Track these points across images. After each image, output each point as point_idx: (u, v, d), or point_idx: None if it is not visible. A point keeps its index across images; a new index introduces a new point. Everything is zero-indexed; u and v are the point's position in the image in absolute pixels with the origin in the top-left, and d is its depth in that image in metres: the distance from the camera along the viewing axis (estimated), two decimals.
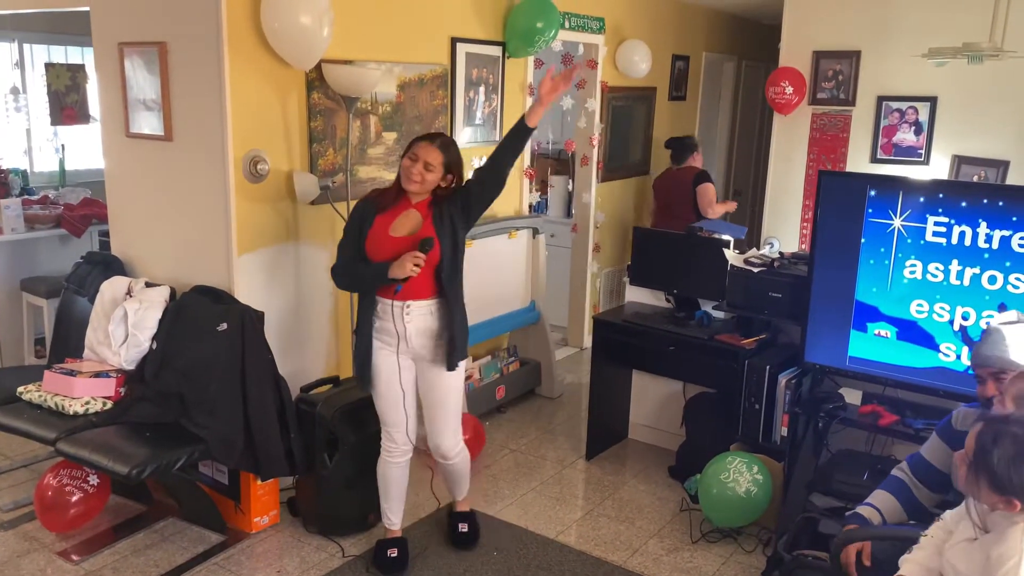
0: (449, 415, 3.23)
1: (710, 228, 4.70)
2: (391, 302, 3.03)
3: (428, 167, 2.99)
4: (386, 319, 3.07)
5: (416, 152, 2.99)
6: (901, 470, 2.69)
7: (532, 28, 4.72)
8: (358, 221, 3.06)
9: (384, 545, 3.32)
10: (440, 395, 3.19)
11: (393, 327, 3.06)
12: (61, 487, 3.41)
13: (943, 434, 2.62)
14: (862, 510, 2.60)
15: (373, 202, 3.08)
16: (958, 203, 3.08)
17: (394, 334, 3.07)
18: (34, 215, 5.02)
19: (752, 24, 7.79)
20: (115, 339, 3.55)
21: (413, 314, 3.05)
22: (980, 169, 5.35)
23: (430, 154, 2.99)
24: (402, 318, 3.04)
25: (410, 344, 3.08)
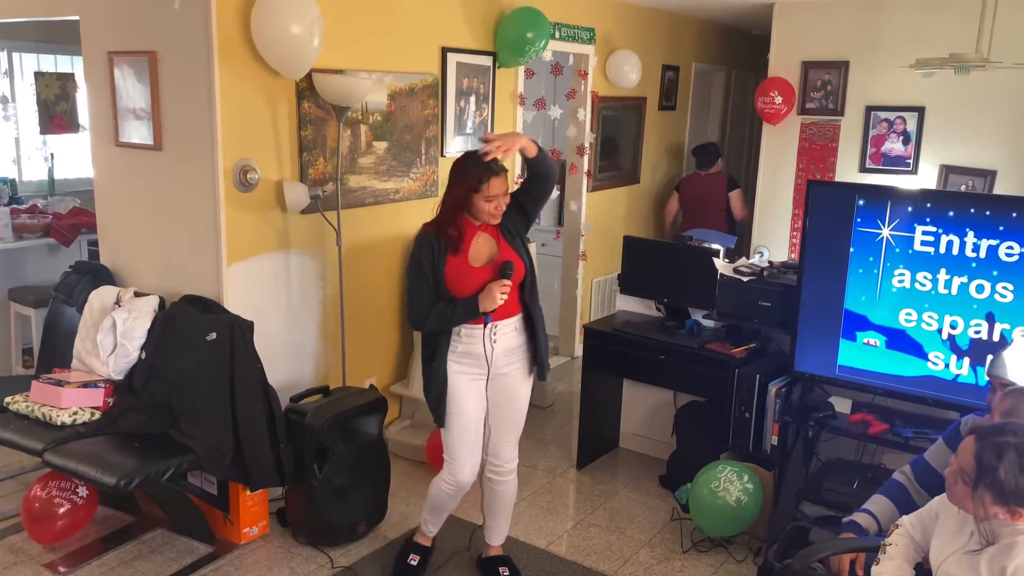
0: (518, 427, 3.18)
1: (700, 237, 4.72)
2: (480, 327, 2.93)
3: (506, 193, 2.94)
4: (471, 343, 2.96)
5: (492, 192, 2.88)
6: (904, 474, 2.68)
7: (522, 38, 4.74)
8: (429, 263, 2.92)
9: (408, 550, 3.33)
10: (515, 408, 3.12)
11: (480, 350, 2.95)
12: (49, 498, 3.38)
13: (950, 442, 2.60)
14: (859, 518, 2.60)
15: (437, 240, 2.93)
16: (946, 212, 3.11)
17: (480, 356, 2.96)
18: (22, 224, 4.99)
19: (742, 35, 7.84)
20: (104, 349, 3.53)
21: (499, 333, 2.97)
22: (967, 179, 5.39)
23: (502, 186, 2.91)
24: (490, 339, 2.95)
25: (494, 364, 2.99)
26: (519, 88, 5.21)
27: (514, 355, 3.05)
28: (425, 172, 4.55)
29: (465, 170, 2.90)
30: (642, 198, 6.79)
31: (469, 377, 3.00)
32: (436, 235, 2.94)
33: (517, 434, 3.19)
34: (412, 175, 4.46)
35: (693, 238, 4.53)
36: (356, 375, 4.26)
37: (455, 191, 2.93)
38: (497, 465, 3.17)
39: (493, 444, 3.15)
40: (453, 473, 3.09)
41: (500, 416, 3.12)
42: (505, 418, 3.13)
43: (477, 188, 2.87)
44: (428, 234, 2.96)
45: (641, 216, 6.81)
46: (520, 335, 3.05)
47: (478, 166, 2.88)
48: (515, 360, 3.06)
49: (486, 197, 2.89)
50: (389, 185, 4.33)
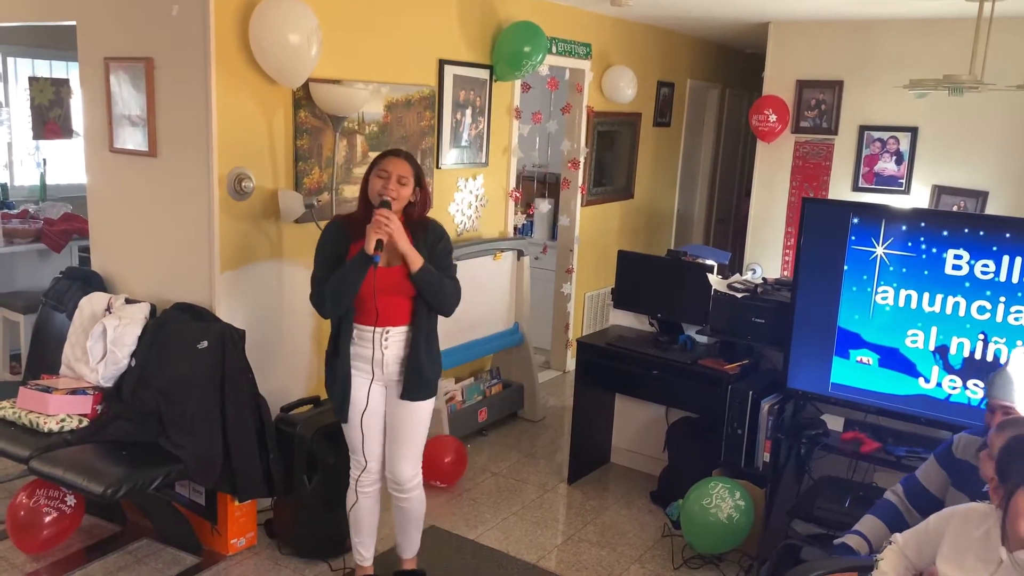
0: (411, 445, 3.07)
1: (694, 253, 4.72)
2: (372, 328, 2.93)
3: (401, 180, 2.88)
4: (363, 345, 2.95)
5: (386, 168, 2.88)
6: (895, 494, 2.67)
7: (519, 52, 4.75)
8: (332, 247, 2.93)
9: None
10: (408, 422, 3.03)
11: (370, 353, 2.95)
12: (36, 507, 3.34)
13: (942, 460, 2.60)
14: (850, 540, 2.59)
15: (343, 229, 2.95)
16: (940, 232, 3.12)
17: (371, 360, 2.95)
18: (13, 229, 4.96)
19: (736, 53, 7.89)
20: (93, 356, 3.50)
21: (390, 339, 2.95)
22: (960, 199, 5.43)
23: (400, 167, 2.89)
24: (381, 345, 2.94)
25: (385, 371, 2.98)
26: (515, 102, 5.22)
27: (403, 367, 2.99)
28: None
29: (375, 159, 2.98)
30: (636, 213, 6.80)
31: (365, 378, 2.98)
32: (343, 227, 2.97)
33: (414, 448, 3.08)
34: None
35: (688, 253, 4.52)
36: None
37: (363, 179, 2.98)
38: (396, 485, 3.09)
39: (389, 459, 3.09)
40: (359, 466, 3.07)
41: (395, 427, 3.05)
42: (399, 429, 3.04)
43: (374, 164, 2.93)
44: (335, 223, 3.01)
45: (635, 231, 6.82)
46: (409, 348, 2.98)
47: (383, 152, 2.99)
48: (404, 373, 2.99)
49: (379, 172, 2.89)
50: None
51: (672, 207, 7.41)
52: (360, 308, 2.93)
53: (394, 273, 2.89)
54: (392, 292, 2.90)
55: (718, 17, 5.90)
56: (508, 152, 5.23)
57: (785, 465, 3.49)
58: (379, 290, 2.87)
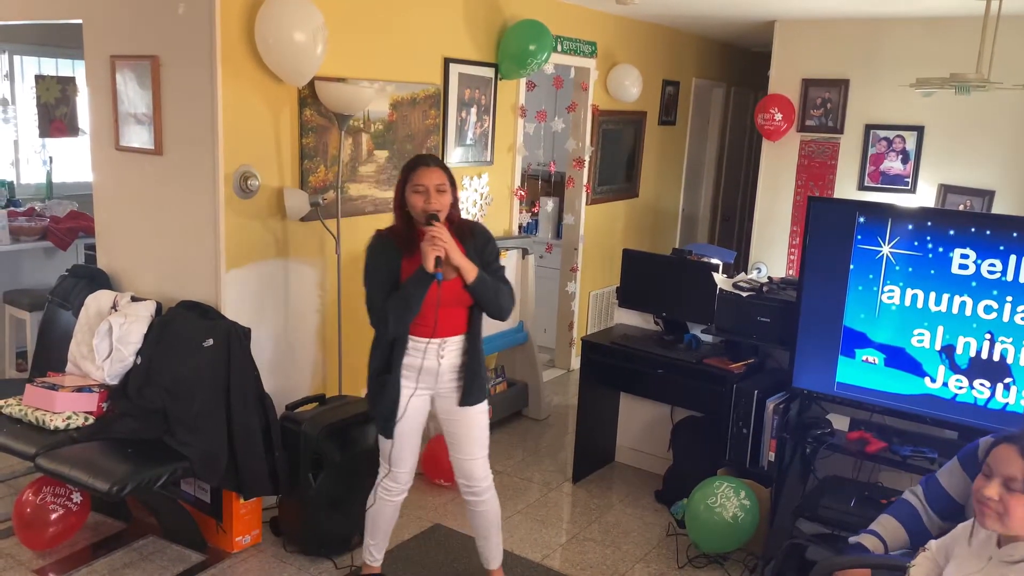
0: (480, 446, 3.07)
1: (699, 252, 4.71)
2: (428, 340, 2.89)
3: (440, 189, 2.83)
4: (415, 356, 2.91)
5: (421, 182, 2.81)
6: (914, 495, 2.62)
7: (525, 51, 4.75)
8: (384, 266, 2.87)
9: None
10: (471, 425, 3.02)
11: (426, 363, 2.91)
12: (44, 504, 3.35)
13: (966, 463, 2.54)
14: (865, 540, 2.55)
15: (391, 246, 2.88)
16: (946, 231, 3.11)
17: (426, 371, 2.93)
18: (19, 227, 4.97)
19: (742, 52, 7.87)
20: (99, 353, 3.51)
21: (447, 350, 2.93)
22: (966, 198, 5.41)
23: (435, 176, 2.83)
24: (437, 355, 2.92)
25: (439, 381, 2.95)
26: (520, 100, 5.22)
27: (458, 374, 2.98)
28: None
29: (403, 170, 2.90)
30: (641, 212, 6.80)
31: (416, 390, 2.95)
32: (391, 243, 2.89)
33: (482, 450, 3.08)
34: None
35: (693, 252, 4.52)
36: (352, 384, 4.23)
37: (396, 192, 2.91)
38: (470, 486, 3.08)
39: (460, 465, 3.07)
40: (395, 478, 3.04)
41: (457, 434, 3.04)
42: (463, 435, 3.03)
43: (407, 179, 2.85)
44: (381, 237, 2.92)
45: (639, 230, 6.82)
46: (464, 355, 2.98)
47: (409, 162, 2.90)
48: (458, 380, 2.99)
49: (414, 187, 2.82)
50: (389, 194, 4.32)
51: (677, 206, 7.40)
52: (415, 321, 2.88)
53: (453, 285, 2.86)
54: (452, 304, 2.88)
55: (724, 15, 5.89)
56: (513, 150, 5.23)
57: (790, 464, 3.48)
58: (442, 303, 2.83)
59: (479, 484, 3.07)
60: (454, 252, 2.80)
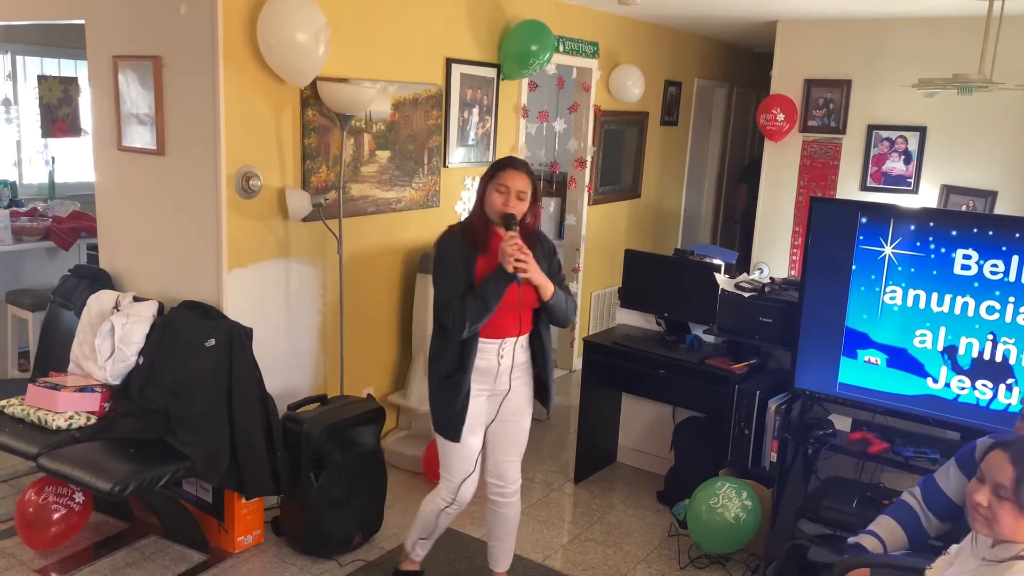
0: (522, 446, 3.09)
1: (701, 252, 4.71)
2: (498, 340, 2.88)
3: (520, 196, 2.80)
4: (483, 357, 2.87)
5: (506, 183, 2.79)
6: (912, 496, 2.63)
7: (527, 51, 4.75)
8: (461, 261, 2.81)
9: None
10: (519, 426, 3.05)
11: (490, 364, 2.89)
12: (46, 504, 3.35)
13: (963, 464, 2.55)
14: (864, 540, 2.56)
15: (466, 244, 2.84)
16: (948, 232, 3.10)
17: (490, 371, 2.90)
18: (22, 227, 4.98)
19: (744, 52, 7.87)
20: (101, 353, 3.51)
21: (507, 350, 2.91)
22: (968, 199, 5.40)
23: (520, 181, 2.80)
24: (498, 355, 2.89)
25: (500, 379, 2.92)
26: (522, 100, 5.22)
27: (519, 371, 2.99)
28: (427, 183, 4.55)
29: (489, 168, 2.89)
30: (643, 212, 6.79)
31: (478, 391, 2.93)
32: (462, 234, 2.86)
33: (520, 454, 3.11)
34: (414, 185, 4.46)
35: (695, 252, 4.52)
36: (354, 384, 4.24)
37: (479, 188, 2.88)
38: (501, 487, 3.08)
39: (496, 465, 3.07)
40: (452, 490, 3.00)
41: (504, 435, 3.04)
42: (509, 437, 3.04)
43: (492, 177, 2.83)
44: (453, 233, 2.88)
45: (641, 230, 6.81)
46: (526, 352, 3.00)
47: (499, 162, 2.89)
48: (520, 375, 3.00)
49: (498, 187, 2.80)
50: (391, 195, 4.32)
51: (679, 206, 7.40)
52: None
53: (527, 290, 2.85)
54: (525, 307, 2.88)
55: (726, 16, 5.89)
56: (515, 151, 5.23)
57: (792, 465, 3.48)
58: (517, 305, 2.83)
59: (511, 486, 3.08)
60: (534, 271, 2.80)
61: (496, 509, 3.12)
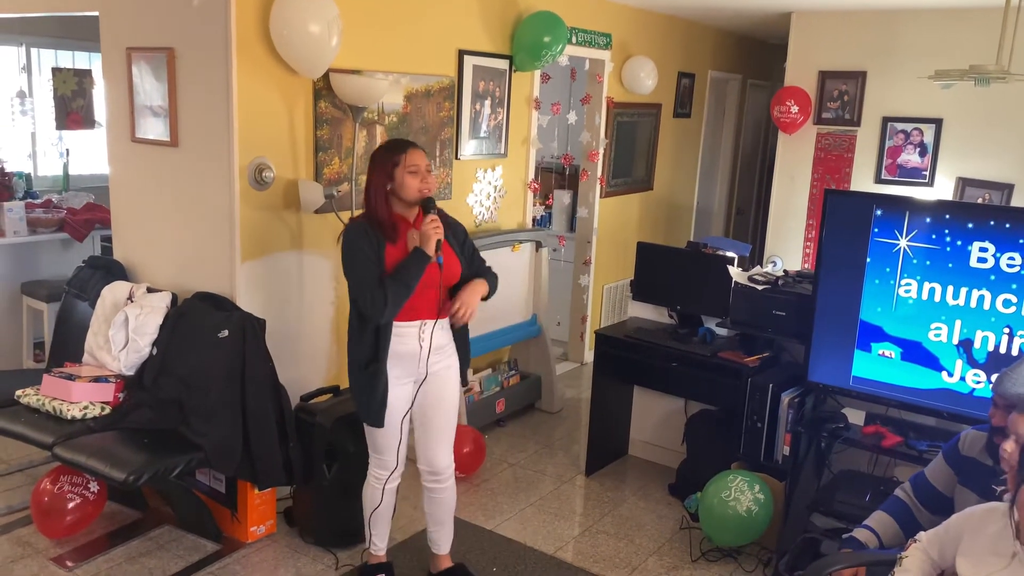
0: (449, 432, 3.09)
1: (714, 245, 4.69)
2: (418, 324, 2.89)
3: (429, 170, 2.87)
4: (404, 342, 2.89)
5: (415, 162, 2.82)
6: (904, 491, 2.67)
7: (539, 43, 4.73)
8: (372, 250, 2.81)
9: (369, 571, 3.23)
10: (444, 410, 3.04)
11: (412, 348, 2.90)
12: (61, 493, 3.38)
13: (949, 457, 2.59)
14: (859, 534, 2.58)
15: (372, 233, 2.83)
16: (964, 224, 3.08)
17: (412, 356, 2.91)
18: (37, 219, 5.01)
19: (758, 44, 7.82)
20: (115, 344, 3.53)
21: (434, 333, 2.93)
22: (985, 192, 5.36)
23: (424, 158, 2.86)
24: (419, 338, 2.91)
25: (422, 364, 2.93)
26: (535, 92, 5.20)
27: (442, 353, 2.99)
28: (439, 175, 4.54)
29: (382, 154, 2.88)
30: (656, 205, 6.77)
31: (399, 378, 2.93)
32: (371, 230, 2.83)
33: (451, 439, 3.09)
34: None
35: (708, 245, 4.50)
36: None
37: (376, 177, 2.85)
38: (434, 474, 3.08)
39: (425, 451, 3.07)
40: (384, 465, 3.04)
41: (430, 419, 3.03)
42: (435, 421, 3.04)
43: (398, 162, 2.82)
44: (359, 224, 2.86)
45: (654, 223, 6.79)
46: (447, 334, 3.01)
47: (394, 145, 2.88)
48: (443, 359, 3.00)
49: (410, 169, 2.81)
50: None
51: (692, 199, 7.37)
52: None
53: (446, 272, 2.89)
54: (443, 289, 2.91)
55: (740, 7, 5.85)
56: (527, 143, 5.22)
57: (805, 459, 3.47)
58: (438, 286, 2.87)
59: (444, 472, 3.08)
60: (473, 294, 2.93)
61: (432, 496, 3.13)
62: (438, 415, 3.04)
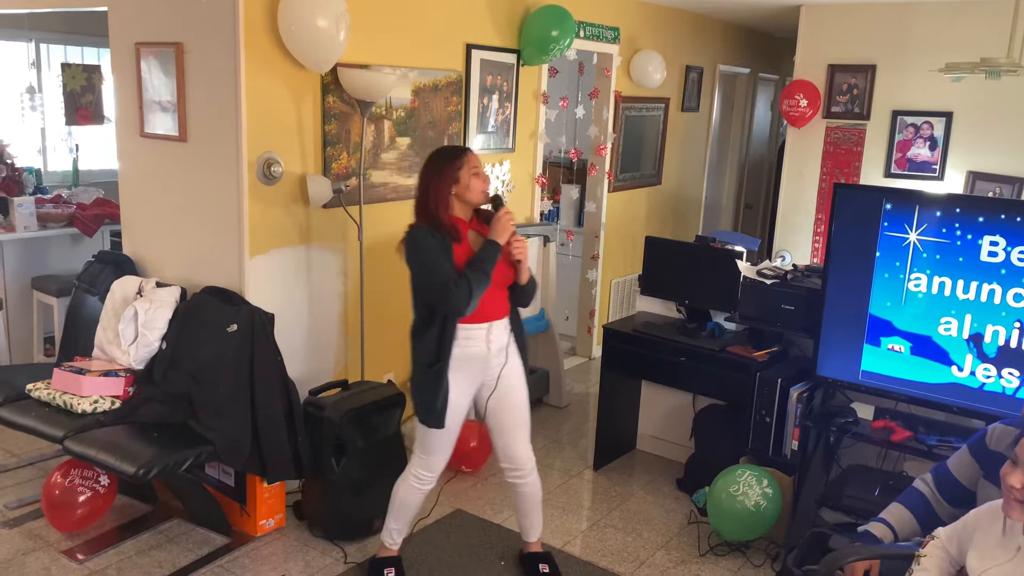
0: (527, 426, 3.13)
1: (723, 239, 4.68)
2: (483, 325, 2.91)
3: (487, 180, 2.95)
4: (470, 345, 2.91)
5: (478, 164, 2.89)
6: (924, 483, 2.62)
7: (547, 36, 4.72)
8: (442, 249, 2.82)
9: (380, 564, 3.24)
10: (518, 405, 3.08)
11: (479, 350, 2.93)
12: (72, 486, 3.40)
13: (975, 451, 2.54)
14: (874, 528, 2.55)
15: (438, 235, 2.84)
16: (975, 218, 3.06)
17: (478, 357, 2.93)
18: (47, 214, 5.03)
19: (767, 37, 7.79)
20: (125, 338, 3.55)
21: (494, 333, 2.96)
22: (995, 185, 5.32)
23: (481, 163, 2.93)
24: (486, 340, 2.93)
25: (489, 363, 2.97)
26: (542, 86, 5.19)
27: (506, 353, 3.02)
28: None
29: (444, 159, 2.89)
30: (664, 199, 6.76)
31: (463, 381, 2.95)
32: (432, 229, 2.85)
33: (527, 433, 3.14)
34: None
35: (716, 239, 4.48)
36: (375, 370, 4.26)
37: (441, 181, 2.86)
38: (516, 470, 3.14)
39: (505, 449, 3.11)
40: (430, 467, 3.05)
41: (504, 418, 3.07)
42: (509, 419, 3.08)
43: (462, 165, 2.86)
44: (422, 228, 2.86)
45: (662, 217, 6.78)
46: (509, 334, 3.04)
47: (453, 151, 2.93)
48: (508, 358, 3.02)
49: (474, 171, 2.87)
50: (411, 181, 4.32)
51: (700, 193, 7.35)
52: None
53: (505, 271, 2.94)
54: (500, 286, 2.95)
55: (748, 0, 5.82)
56: (535, 137, 5.21)
57: (814, 453, 3.46)
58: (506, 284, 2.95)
59: (526, 466, 3.14)
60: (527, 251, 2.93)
61: (518, 490, 3.19)
62: (512, 412, 3.08)
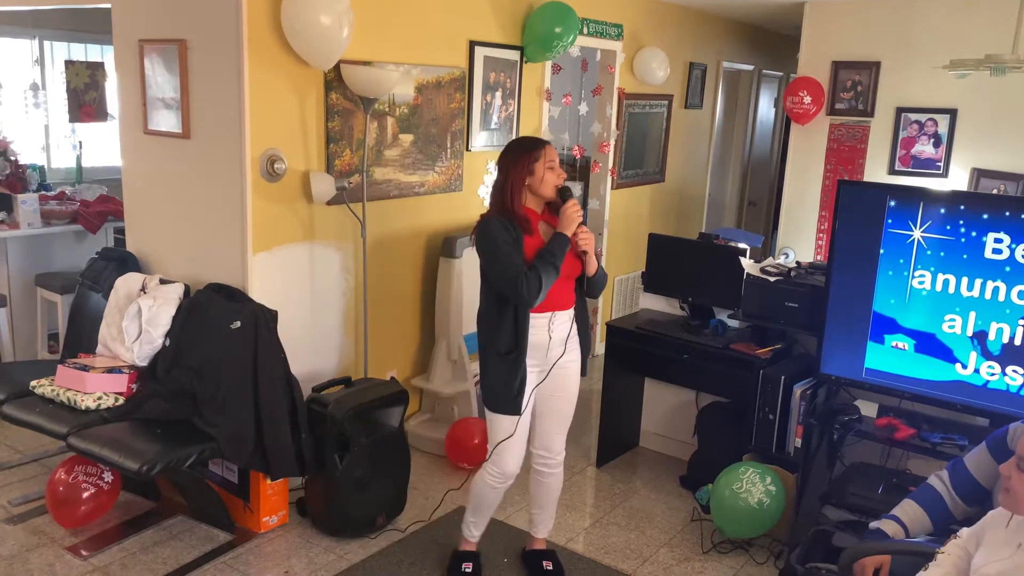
0: (569, 418, 3.16)
1: (726, 236, 4.67)
2: (546, 315, 2.92)
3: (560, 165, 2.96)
4: (535, 333, 2.91)
5: (553, 158, 2.89)
6: (940, 479, 2.60)
7: (550, 33, 4.72)
8: (513, 240, 2.84)
9: (460, 558, 3.28)
10: (566, 399, 3.11)
11: (541, 339, 2.93)
12: (76, 483, 3.40)
13: (994, 449, 2.52)
14: (885, 526, 2.53)
15: (511, 227, 2.86)
16: (979, 215, 3.05)
17: (541, 346, 2.94)
18: (50, 211, 5.04)
19: (770, 33, 7.77)
20: (128, 335, 3.55)
21: (556, 323, 2.97)
22: (1000, 183, 5.31)
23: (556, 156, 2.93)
24: (548, 329, 2.94)
25: (551, 353, 2.97)
26: (546, 83, 5.18)
27: (567, 345, 3.04)
28: (450, 166, 4.54)
29: (520, 152, 2.90)
30: (667, 196, 6.75)
31: (531, 369, 2.97)
32: (505, 220, 2.87)
33: (567, 426, 3.17)
34: (437, 169, 4.46)
35: (719, 237, 4.48)
36: (378, 367, 4.26)
37: (516, 174, 2.88)
38: (547, 458, 3.16)
39: (543, 437, 3.14)
40: (503, 465, 3.03)
41: (552, 408, 3.10)
42: (557, 410, 3.11)
43: (538, 158, 2.88)
44: (495, 219, 2.88)
45: (665, 214, 6.77)
46: (572, 325, 3.04)
47: (530, 143, 2.92)
48: (569, 351, 3.04)
49: (549, 165, 2.88)
50: (414, 178, 4.32)
51: (704, 190, 7.34)
52: None
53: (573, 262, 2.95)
54: (568, 276, 2.96)
55: None
56: (538, 134, 5.20)
57: (817, 451, 3.46)
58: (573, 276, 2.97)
59: (557, 457, 3.16)
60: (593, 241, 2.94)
61: (540, 479, 3.20)
62: (562, 404, 3.11)
